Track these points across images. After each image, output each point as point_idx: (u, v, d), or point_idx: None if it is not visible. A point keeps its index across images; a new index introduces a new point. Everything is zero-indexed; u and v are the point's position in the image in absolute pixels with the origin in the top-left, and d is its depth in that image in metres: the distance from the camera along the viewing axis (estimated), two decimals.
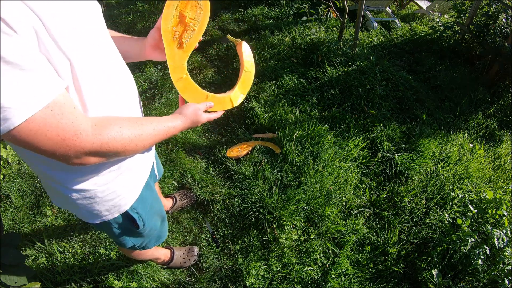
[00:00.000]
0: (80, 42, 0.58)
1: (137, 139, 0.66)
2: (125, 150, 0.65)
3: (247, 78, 1.01)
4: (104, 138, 0.60)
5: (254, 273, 1.55)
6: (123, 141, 0.63)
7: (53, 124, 0.52)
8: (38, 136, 0.51)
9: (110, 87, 0.69)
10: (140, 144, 0.68)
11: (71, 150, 0.56)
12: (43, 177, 0.73)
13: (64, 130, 0.54)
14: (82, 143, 0.56)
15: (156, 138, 0.72)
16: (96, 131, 0.59)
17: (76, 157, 0.58)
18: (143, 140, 0.68)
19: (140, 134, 0.67)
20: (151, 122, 0.71)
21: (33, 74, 0.48)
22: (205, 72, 2.80)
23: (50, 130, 0.52)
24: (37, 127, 0.51)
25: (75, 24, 0.57)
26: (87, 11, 0.63)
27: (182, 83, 0.86)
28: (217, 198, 1.86)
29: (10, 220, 1.67)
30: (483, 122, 2.75)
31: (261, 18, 3.54)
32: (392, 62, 3.14)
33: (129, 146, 0.65)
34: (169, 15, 0.80)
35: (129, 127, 0.65)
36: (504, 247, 1.61)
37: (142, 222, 0.93)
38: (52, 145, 0.54)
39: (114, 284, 1.44)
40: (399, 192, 2.01)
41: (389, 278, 1.67)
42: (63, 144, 0.54)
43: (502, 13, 3.11)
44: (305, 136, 2.12)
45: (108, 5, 3.75)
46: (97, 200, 0.77)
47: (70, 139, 0.55)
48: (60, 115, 0.52)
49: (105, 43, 0.69)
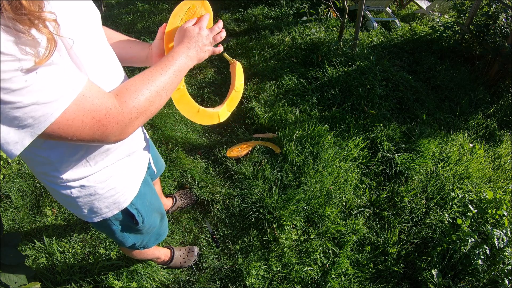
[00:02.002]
0: (86, 50, 0.60)
1: (156, 94, 0.66)
2: (153, 104, 0.65)
3: (235, 97, 1.05)
4: (129, 104, 0.61)
5: (254, 273, 1.55)
6: (147, 99, 0.64)
7: (86, 108, 0.53)
8: (75, 123, 0.53)
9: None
10: (163, 94, 0.67)
11: (108, 128, 0.57)
12: (44, 177, 0.73)
13: (97, 111, 0.55)
14: (115, 117, 0.58)
15: (174, 84, 0.70)
16: (120, 100, 0.60)
17: (114, 133, 0.59)
18: (162, 92, 0.67)
19: (156, 89, 0.66)
20: (159, 74, 0.68)
21: (59, 68, 0.50)
22: (205, 72, 2.80)
23: (85, 114, 0.53)
24: (73, 115, 0.52)
25: (80, 35, 0.59)
26: (89, 22, 0.65)
27: (178, 94, 0.88)
28: (217, 198, 1.86)
29: (10, 220, 1.67)
30: (483, 122, 2.75)
31: (261, 18, 3.54)
32: (392, 62, 3.14)
33: (154, 100, 0.65)
34: (174, 25, 0.82)
35: (144, 87, 0.64)
36: (504, 247, 1.61)
37: (141, 219, 0.93)
38: (90, 129, 0.55)
39: (114, 284, 1.44)
40: (399, 192, 2.01)
41: (389, 278, 1.67)
42: (99, 125, 0.56)
43: (502, 13, 3.11)
44: (305, 136, 2.12)
45: (108, 5, 3.75)
46: (97, 197, 0.78)
47: (104, 117, 0.56)
48: (91, 97, 0.54)
49: (105, 51, 0.71)
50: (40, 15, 0.45)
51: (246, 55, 2.92)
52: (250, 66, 2.79)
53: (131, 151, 0.85)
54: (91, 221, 0.84)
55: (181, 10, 0.81)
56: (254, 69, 2.74)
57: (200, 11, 0.84)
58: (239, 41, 3.11)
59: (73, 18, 0.58)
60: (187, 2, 0.81)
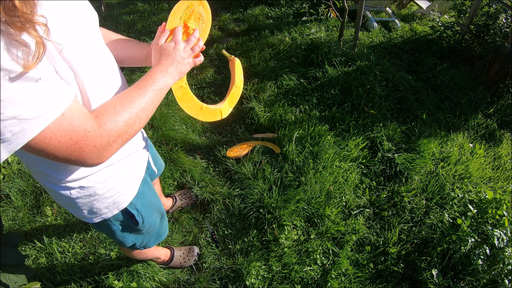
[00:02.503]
0: (82, 54, 0.60)
1: (136, 116, 0.65)
2: (132, 127, 0.65)
3: (236, 93, 1.06)
4: (107, 127, 0.60)
5: (254, 273, 1.55)
6: (125, 122, 0.63)
7: (65, 128, 0.52)
8: (52, 142, 0.52)
9: (111, 96, 0.70)
10: (143, 115, 0.67)
11: (85, 151, 0.56)
12: (42, 178, 0.73)
13: (75, 132, 0.54)
14: (93, 140, 0.57)
15: (153, 107, 0.70)
16: (99, 122, 0.59)
17: (92, 156, 0.58)
18: (144, 110, 0.67)
19: (136, 112, 0.65)
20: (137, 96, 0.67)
21: (46, 84, 0.49)
22: (205, 72, 2.80)
23: (63, 134, 0.52)
24: (51, 134, 0.51)
25: (77, 37, 0.59)
26: (86, 23, 0.65)
27: (181, 92, 0.88)
28: (217, 198, 1.86)
29: (10, 220, 1.67)
30: (483, 122, 2.75)
31: (261, 18, 3.54)
32: (392, 62, 3.14)
33: (134, 122, 0.65)
34: (173, 25, 0.82)
35: (122, 109, 0.63)
36: (504, 247, 1.61)
37: (141, 219, 0.93)
38: (66, 149, 0.54)
39: (114, 284, 1.44)
40: (399, 192, 2.01)
41: (389, 278, 1.67)
42: (76, 146, 0.55)
43: (502, 13, 3.11)
44: (305, 136, 2.12)
45: (108, 5, 3.75)
46: (97, 197, 0.78)
47: (82, 139, 0.55)
48: (70, 117, 0.53)
49: (102, 53, 0.71)
50: (31, 18, 0.44)
51: (246, 55, 2.92)
52: (250, 66, 2.79)
53: (130, 151, 0.85)
54: (91, 222, 0.84)
55: (180, 9, 0.81)
56: (254, 69, 2.74)
57: (198, 10, 0.84)
58: (239, 41, 3.11)
59: (67, 20, 0.57)
60: (185, 2, 0.81)
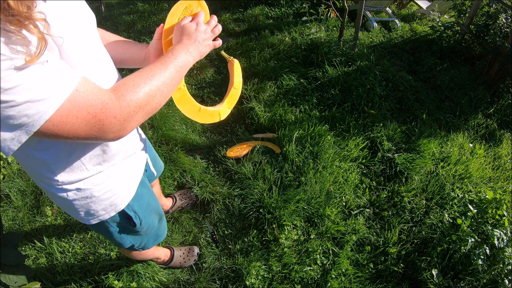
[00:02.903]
0: (80, 54, 0.60)
1: (156, 89, 0.64)
2: (153, 99, 0.64)
3: (235, 95, 1.05)
4: (127, 98, 0.59)
5: (254, 273, 1.55)
6: (145, 94, 0.62)
7: (80, 103, 0.52)
8: (70, 119, 0.52)
9: None
10: (165, 89, 0.66)
11: (106, 123, 0.56)
12: (40, 179, 0.73)
13: (92, 106, 0.54)
14: (112, 112, 0.56)
15: (175, 80, 0.69)
16: (117, 94, 0.59)
17: (113, 128, 0.58)
18: (165, 84, 0.66)
19: (156, 85, 0.64)
20: (159, 70, 0.67)
21: (53, 65, 0.49)
22: (205, 72, 2.80)
23: (80, 110, 0.52)
24: (67, 112, 0.51)
25: (75, 38, 0.59)
26: (84, 24, 0.65)
27: (178, 94, 0.88)
28: (217, 198, 1.86)
29: (10, 220, 1.67)
30: (483, 122, 2.75)
31: (261, 18, 3.54)
32: (392, 62, 3.14)
33: (155, 94, 0.64)
34: (171, 26, 0.81)
35: (143, 82, 0.63)
36: (504, 247, 1.61)
37: (139, 220, 0.93)
38: (86, 124, 0.54)
39: (114, 284, 1.44)
40: (399, 192, 2.01)
41: (389, 278, 1.67)
42: (95, 120, 0.54)
43: (502, 13, 3.11)
44: (305, 136, 2.12)
45: (108, 5, 3.75)
46: (94, 199, 0.78)
47: (100, 112, 0.55)
48: (85, 92, 0.53)
49: (100, 54, 0.71)
50: (29, 15, 0.45)
51: (246, 55, 2.92)
52: (250, 66, 2.79)
53: (128, 153, 0.84)
54: (89, 223, 0.84)
55: (178, 10, 0.81)
56: (254, 69, 2.74)
57: (197, 10, 0.84)
58: (239, 41, 3.11)
59: (65, 21, 0.57)
60: (184, 2, 0.81)
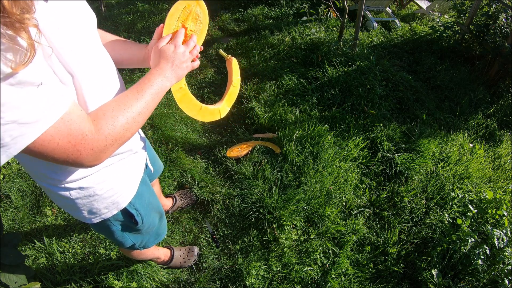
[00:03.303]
0: (80, 56, 0.60)
1: (133, 120, 0.66)
2: (129, 131, 0.65)
3: (234, 92, 1.07)
4: (105, 131, 0.60)
5: (254, 273, 1.55)
6: (123, 125, 0.64)
7: (64, 132, 0.53)
8: (51, 145, 0.52)
9: (109, 98, 0.71)
10: (139, 123, 0.68)
11: (83, 154, 0.57)
12: (41, 179, 0.73)
13: (73, 136, 0.55)
14: (90, 143, 0.58)
15: (150, 108, 0.70)
16: (96, 126, 0.60)
17: (88, 159, 0.59)
18: (138, 119, 0.67)
19: (133, 116, 0.66)
20: (136, 98, 0.68)
21: (45, 88, 0.49)
22: (205, 72, 2.80)
23: (61, 138, 0.53)
24: (50, 138, 0.51)
25: (75, 39, 0.59)
26: (85, 25, 0.65)
27: (180, 94, 0.89)
28: (217, 198, 1.86)
29: (10, 220, 1.67)
30: (483, 122, 2.75)
31: (261, 18, 3.54)
32: (392, 62, 3.14)
33: (131, 128, 0.65)
34: (170, 26, 0.82)
35: (120, 112, 0.64)
36: (504, 247, 1.61)
37: (140, 218, 0.93)
38: (64, 152, 0.55)
39: (114, 284, 1.44)
40: (399, 192, 2.01)
41: (389, 278, 1.67)
42: (74, 149, 0.56)
43: (502, 13, 3.11)
44: (305, 136, 2.12)
45: (108, 5, 3.75)
46: (96, 198, 0.78)
47: (79, 143, 0.56)
48: (69, 121, 0.54)
49: (100, 55, 0.71)
50: (21, 19, 0.43)
51: (246, 55, 2.92)
52: (250, 66, 2.79)
53: (129, 152, 0.85)
54: (90, 222, 0.84)
55: (177, 10, 0.81)
56: (254, 69, 2.74)
57: (195, 10, 0.84)
58: (239, 41, 3.11)
59: (65, 22, 0.57)
60: (182, 2, 0.81)
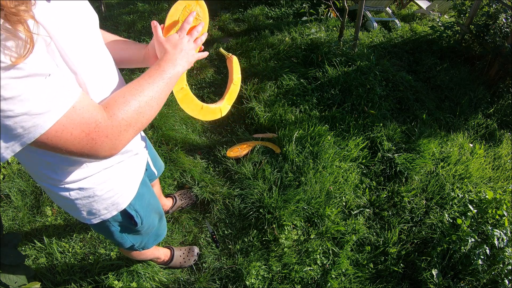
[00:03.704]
0: (83, 55, 0.60)
1: (146, 105, 0.65)
2: (143, 115, 0.65)
3: (234, 91, 1.07)
4: (118, 117, 0.60)
5: (254, 273, 1.55)
6: (136, 110, 0.63)
7: (76, 121, 0.53)
8: (64, 135, 0.52)
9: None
10: (154, 104, 0.67)
11: (98, 142, 0.57)
12: (41, 179, 0.73)
13: (86, 124, 0.54)
14: (105, 131, 0.57)
15: (164, 92, 0.70)
16: (109, 112, 0.59)
17: (104, 147, 0.58)
18: (154, 98, 0.67)
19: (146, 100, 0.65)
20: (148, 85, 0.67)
21: (53, 78, 0.49)
22: (205, 72, 2.80)
23: (74, 127, 0.53)
24: (62, 127, 0.51)
25: (78, 38, 0.59)
26: (87, 25, 0.65)
27: (181, 94, 0.89)
28: (217, 198, 1.86)
29: (10, 220, 1.67)
30: (483, 122, 2.75)
31: (261, 18, 3.54)
32: (392, 62, 3.14)
33: (143, 114, 0.65)
34: (171, 26, 0.81)
35: (132, 98, 0.63)
36: (504, 247, 1.61)
37: (140, 219, 0.93)
38: (79, 142, 0.54)
39: (114, 284, 1.44)
40: (399, 192, 2.01)
41: (389, 278, 1.67)
42: (88, 138, 0.55)
43: (502, 13, 3.11)
44: (305, 136, 2.12)
45: (108, 5, 3.75)
46: (96, 198, 0.78)
47: (93, 131, 0.55)
48: (81, 110, 0.53)
49: (102, 55, 0.71)
50: (16, 12, 0.44)
51: (246, 55, 2.92)
52: (250, 66, 2.79)
53: (130, 153, 0.85)
54: (90, 223, 0.84)
55: (177, 10, 0.81)
56: (254, 69, 2.74)
57: (195, 10, 0.84)
58: (239, 41, 3.11)
59: (67, 22, 0.57)
60: (182, 2, 0.81)
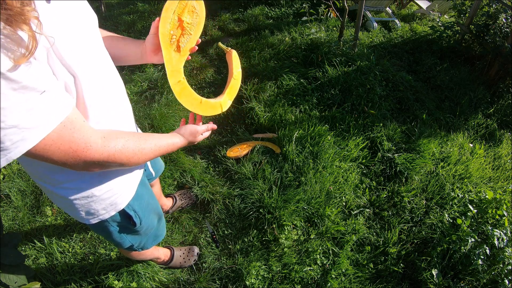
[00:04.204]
0: (82, 57, 0.61)
1: (140, 152, 0.71)
2: (129, 162, 0.70)
3: (235, 85, 1.05)
4: (111, 150, 0.64)
5: (254, 273, 1.55)
6: (128, 153, 0.68)
7: (66, 138, 0.55)
8: (52, 149, 0.54)
9: (109, 99, 0.72)
10: (142, 158, 0.73)
11: (81, 160, 0.60)
12: (40, 179, 0.73)
13: (76, 143, 0.57)
14: (92, 154, 0.60)
15: (157, 153, 0.77)
16: (104, 142, 0.63)
17: (84, 166, 0.62)
18: (145, 154, 0.73)
19: (143, 148, 0.72)
20: (153, 138, 0.77)
21: (47, 95, 0.50)
22: (205, 72, 2.80)
23: (63, 143, 0.55)
24: (51, 142, 0.53)
25: (77, 39, 0.59)
26: (86, 26, 0.65)
27: (179, 87, 0.88)
28: (217, 198, 1.86)
29: (10, 220, 1.67)
30: (483, 122, 2.75)
31: (261, 18, 3.54)
32: (392, 62, 3.14)
33: (132, 159, 0.70)
34: (167, 19, 0.81)
35: (134, 141, 0.70)
36: (504, 247, 1.61)
37: (138, 220, 0.93)
38: (64, 156, 0.57)
39: (114, 284, 1.44)
40: (399, 192, 2.01)
41: (389, 278, 1.67)
42: (74, 155, 0.58)
43: (502, 13, 3.10)
44: (305, 136, 2.12)
45: (108, 5, 3.75)
46: (94, 198, 0.78)
47: (82, 151, 0.58)
48: (72, 129, 0.56)
49: (101, 56, 0.71)
50: (21, 11, 0.44)
51: (246, 55, 2.92)
52: (250, 66, 2.78)
53: None
54: (88, 223, 0.84)
55: (173, 4, 0.80)
56: (254, 69, 2.74)
57: (191, 3, 0.84)
58: (239, 41, 3.11)
59: (66, 23, 0.57)
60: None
